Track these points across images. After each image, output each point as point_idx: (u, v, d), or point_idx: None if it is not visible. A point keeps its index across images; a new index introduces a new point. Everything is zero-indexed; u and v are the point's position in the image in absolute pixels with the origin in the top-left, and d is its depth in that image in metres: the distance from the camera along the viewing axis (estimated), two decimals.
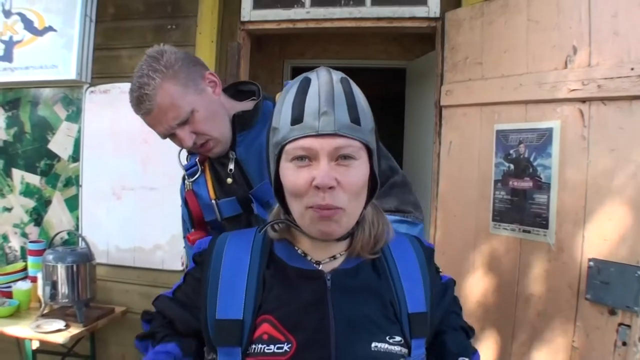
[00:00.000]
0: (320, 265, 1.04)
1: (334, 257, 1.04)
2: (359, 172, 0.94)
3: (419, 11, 3.05)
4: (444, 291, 1.19)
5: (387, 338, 0.97)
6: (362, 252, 1.03)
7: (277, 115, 0.98)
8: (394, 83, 4.65)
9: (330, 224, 0.94)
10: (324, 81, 0.95)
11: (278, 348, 0.95)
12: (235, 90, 1.70)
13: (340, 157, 0.92)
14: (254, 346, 0.96)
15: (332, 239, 0.99)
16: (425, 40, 3.40)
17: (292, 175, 0.94)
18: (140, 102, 1.39)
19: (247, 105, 1.60)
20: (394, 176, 1.51)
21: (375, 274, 1.05)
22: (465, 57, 2.79)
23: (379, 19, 3.08)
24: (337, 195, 0.92)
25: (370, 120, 0.97)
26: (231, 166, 1.54)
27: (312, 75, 0.98)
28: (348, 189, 0.93)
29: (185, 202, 1.63)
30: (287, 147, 0.94)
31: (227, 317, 0.99)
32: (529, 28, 2.49)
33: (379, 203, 1.18)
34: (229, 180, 1.54)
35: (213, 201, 1.56)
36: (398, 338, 0.99)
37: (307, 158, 0.93)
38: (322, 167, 0.91)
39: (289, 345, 0.94)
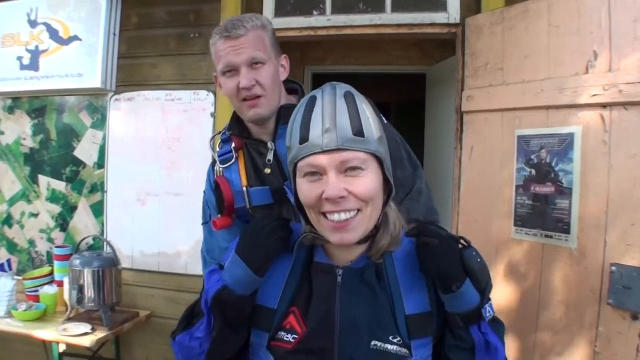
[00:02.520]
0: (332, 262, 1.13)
1: (350, 261, 1.12)
2: (367, 180, 1.01)
3: (439, 17, 3.06)
4: None
5: (389, 338, 1.04)
6: (377, 254, 1.09)
7: (288, 134, 1.07)
8: (414, 88, 4.67)
9: (344, 234, 1.02)
10: (327, 99, 1.03)
11: (293, 338, 1.06)
12: None
13: (349, 169, 1.00)
14: (279, 333, 1.08)
15: (349, 245, 1.06)
16: (445, 45, 3.41)
17: (305, 190, 1.04)
18: (233, 27, 1.46)
19: (291, 99, 1.64)
20: (418, 183, 1.55)
21: (376, 276, 1.10)
22: (485, 62, 2.79)
23: (399, 25, 3.10)
24: (348, 203, 1.00)
25: (377, 130, 1.04)
26: (270, 156, 1.56)
27: (317, 93, 1.06)
28: (359, 197, 1.01)
29: (214, 187, 1.63)
30: (299, 164, 1.04)
31: (264, 304, 1.11)
32: (550, 33, 2.49)
33: (407, 211, 1.22)
34: (267, 170, 1.57)
35: (244, 188, 1.58)
36: (398, 339, 1.04)
37: (317, 173, 1.01)
38: (330, 181, 0.99)
39: (299, 335, 1.07)
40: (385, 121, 1.59)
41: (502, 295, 2.59)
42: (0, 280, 3.16)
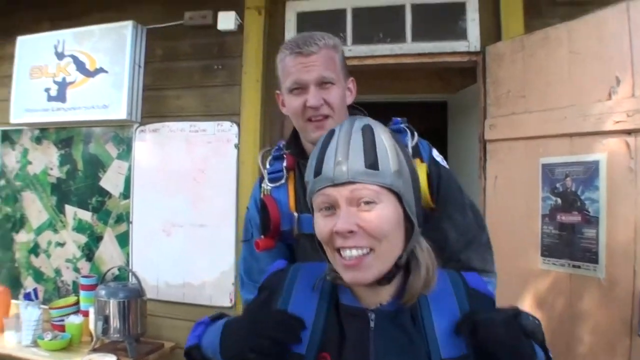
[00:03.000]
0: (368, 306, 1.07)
1: (380, 304, 1.06)
2: (381, 215, 0.96)
3: (459, 46, 3.08)
4: None
5: None
6: (412, 298, 1.04)
7: (306, 169, 1.06)
8: (436, 116, 4.66)
9: (357, 273, 0.98)
10: (343, 132, 1.01)
11: None
12: None
13: (362, 203, 0.96)
14: None
15: (363, 284, 1.01)
16: (466, 72, 3.42)
17: (319, 225, 1.01)
18: (305, 44, 1.44)
19: None
20: (482, 234, 1.52)
21: (411, 319, 1.05)
22: (507, 90, 2.79)
23: (420, 54, 3.13)
24: (360, 239, 0.96)
25: (395, 163, 0.99)
26: None
27: (337, 127, 1.05)
28: (371, 232, 0.96)
29: (260, 206, 1.55)
30: (313, 198, 1.03)
31: (292, 351, 1.04)
32: (571, 60, 2.49)
33: (467, 260, 1.19)
34: None
35: (295, 214, 1.51)
36: None
37: (331, 207, 0.99)
38: (341, 214, 0.96)
39: None
40: (446, 166, 1.57)
41: None
42: (26, 309, 3.18)
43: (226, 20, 3.30)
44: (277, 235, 1.51)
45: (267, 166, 1.62)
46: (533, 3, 2.95)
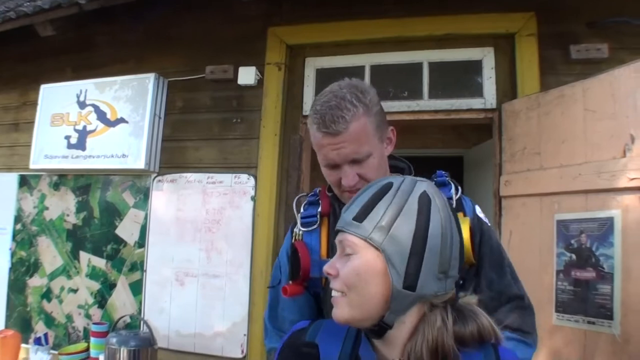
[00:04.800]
0: None
1: None
2: (352, 264, 1.00)
3: (475, 103, 3.14)
4: None
5: None
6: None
7: None
8: (451, 171, 4.68)
9: (334, 309, 1.03)
10: (364, 188, 1.07)
11: None
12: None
13: (345, 253, 1.02)
14: None
15: (339, 321, 1.04)
16: (482, 128, 3.46)
17: None
18: (333, 122, 1.31)
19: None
20: (525, 300, 1.46)
21: None
22: (523, 147, 2.82)
23: (436, 111, 3.19)
24: (337, 282, 1.03)
25: (389, 221, 0.98)
26: None
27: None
28: (342, 278, 1.01)
29: (291, 251, 1.51)
30: None
31: None
32: (586, 118, 2.52)
33: (503, 318, 1.18)
34: None
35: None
36: None
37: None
38: (333, 258, 1.05)
39: None
40: (489, 223, 1.51)
41: None
42: (36, 354, 3.19)
43: (246, 75, 3.39)
44: (306, 282, 1.48)
45: (302, 210, 1.58)
46: (548, 61, 3.01)
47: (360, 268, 0.99)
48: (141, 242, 3.58)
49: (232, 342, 3.25)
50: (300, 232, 1.53)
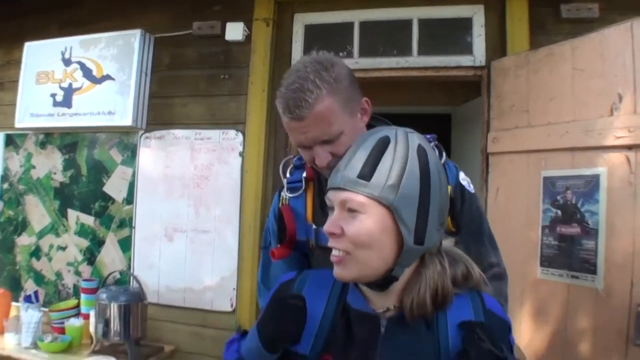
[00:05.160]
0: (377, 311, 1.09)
1: (388, 309, 1.08)
2: (362, 224, 0.99)
3: (464, 60, 3.13)
4: None
5: None
6: (413, 311, 1.04)
7: None
8: (439, 128, 4.69)
9: (337, 268, 1.03)
10: (360, 141, 1.06)
11: None
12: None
13: (348, 209, 1.01)
14: None
15: (343, 280, 1.07)
16: (470, 85, 3.45)
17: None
18: (296, 107, 1.27)
19: None
20: (501, 269, 1.51)
21: (426, 328, 1.06)
22: (511, 104, 2.83)
23: (425, 68, 3.18)
24: (341, 241, 1.01)
25: (393, 177, 0.99)
26: None
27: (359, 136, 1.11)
28: (350, 238, 1.00)
29: (277, 215, 1.55)
30: None
31: (296, 351, 1.08)
32: (574, 76, 2.53)
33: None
34: None
35: (314, 226, 1.48)
36: None
37: (332, 208, 1.06)
38: (332, 216, 1.04)
39: None
40: (472, 190, 1.53)
41: (529, 335, 2.58)
42: (26, 311, 3.18)
43: (234, 31, 3.35)
44: (293, 245, 1.50)
45: (288, 175, 1.59)
46: (538, 19, 3.01)
47: (372, 228, 0.99)
48: (129, 199, 3.58)
49: (221, 297, 3.29)
50: (287, 197, 1.54)
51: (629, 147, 2.26)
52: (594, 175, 2.40)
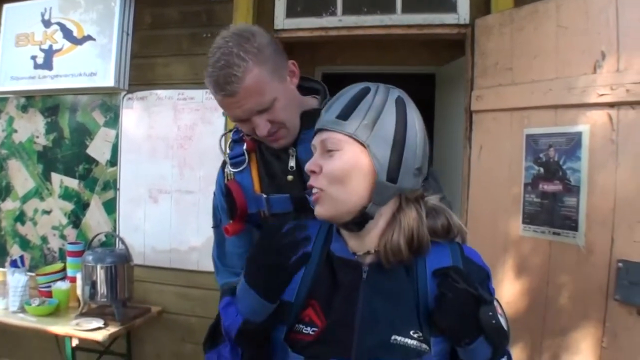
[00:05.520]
0: (358, 257, 1.12)
1: (368, 252, 1.12)
2: (338, 160, 1.05)
3: (448, 18, 3.10)
4: None
5: (410, 332, 1.04)
6: (388, 256, 1.07)
7: None
8: (423, 88, 4.68)
9: (316, 206, 1.09)
10: (342, 91, 1.13)
11: (313, 330, 1.07)
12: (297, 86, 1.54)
13: (328, 150, 1.07)
14: (297, 325, 1.09)
15: (321, 218, 1.10)
16: (454, 45, 3.43)
17: None
18: (226, 83, 1.26)
19: (311, 101, 1.54)
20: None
21: (405, 273, 1.10)
22: (495, 62, 2.81)
23: (409, 26, 3.14)
24: (318, 179, 1.07)
25: (369, 119, 1.05)
26: (292, 163, 1.46)
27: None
28: (326, 175, 1.06)
29: (225, 192, 1.51)
30: None
31: (281, 299, 1.10)
32: (558, 34, 2.51)
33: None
34: (290, 177, 1.46)
35: (264, 196, 1.47)
36: (419, 334, 1.05)
37: (316, 150, 1.12)
38: (313, 156, 1.11)
39: (319, 328, 1.07)
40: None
41: (511, 291, 2.62)
42: (13, 276, 3.19)
43: None
44: (245, 219, 1.50)
45: (228, 151, 1.58)
46: None
47: (347, 162, 1.05)
48: (113, 161, 3.56)
49: (207, 257, 3.21)
50: (232, 172, 1.52)
51: (611, 105, 2.26)
52: (576, 132, 2.40)
